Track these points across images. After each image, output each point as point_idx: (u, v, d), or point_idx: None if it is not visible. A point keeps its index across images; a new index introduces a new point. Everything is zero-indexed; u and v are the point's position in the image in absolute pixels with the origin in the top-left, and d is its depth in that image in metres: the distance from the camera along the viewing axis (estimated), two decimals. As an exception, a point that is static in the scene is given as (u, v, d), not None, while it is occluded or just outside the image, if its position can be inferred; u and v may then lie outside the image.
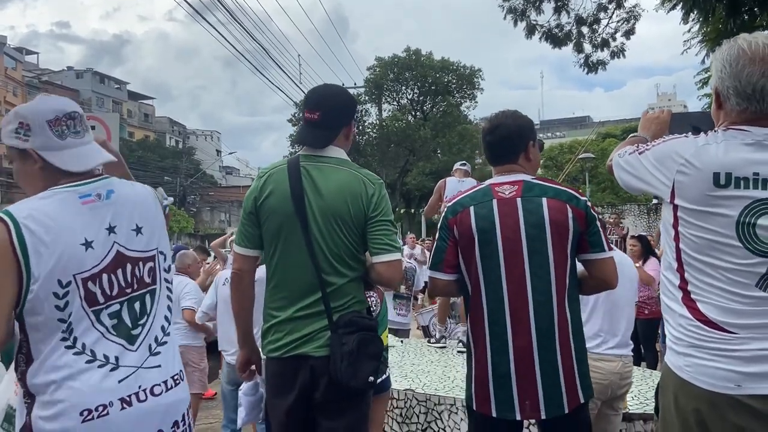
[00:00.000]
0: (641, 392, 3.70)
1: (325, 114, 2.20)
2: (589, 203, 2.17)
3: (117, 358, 1.59)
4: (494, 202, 2.13)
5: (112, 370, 1.58)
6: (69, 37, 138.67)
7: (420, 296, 11.55)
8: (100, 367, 1.56)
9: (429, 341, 5.61)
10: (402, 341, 5.79)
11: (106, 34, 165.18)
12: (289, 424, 2.19)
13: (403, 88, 35.81)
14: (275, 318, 2.16)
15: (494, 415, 2.06)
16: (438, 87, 34.93)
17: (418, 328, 10.62)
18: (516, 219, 2.08)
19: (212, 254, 8.38)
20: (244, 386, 2.71)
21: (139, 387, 1.60)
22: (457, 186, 5.84)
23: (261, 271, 2.28)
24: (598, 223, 2.16)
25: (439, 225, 2.23)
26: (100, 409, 1.52)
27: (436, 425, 3.75)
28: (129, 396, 1.58)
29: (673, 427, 1.62)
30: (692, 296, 1.61)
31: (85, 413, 1.51)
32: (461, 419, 3.62)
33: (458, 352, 5.37)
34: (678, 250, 1.64)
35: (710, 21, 8.26)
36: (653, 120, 2.06)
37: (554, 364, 2.03)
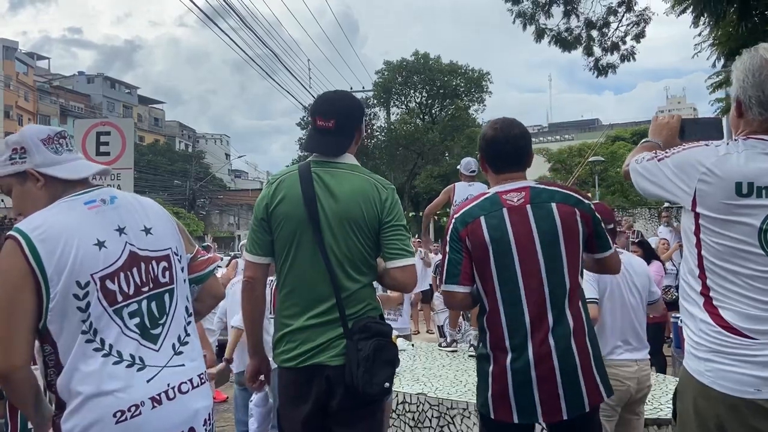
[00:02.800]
0: (654, 397, 3.70)
1: (340, 121, 2.19)
2: (593, 205, 2.19)
3: (142, 358, 1.62)
4: (504, 210, 2.12)
5: (139, 370, 1.60)
6: (81, 43, 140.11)
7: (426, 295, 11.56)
8: (128, 367, 1.59)
9: (440, 345, 5.61)
10: (413, 345, 5.80)
11: (118, 39, 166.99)
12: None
13: (412, 91, 35.85)
14: (288, 327, 2.14)
15: (515, 421, 2.06)
16: (446, 90, 34.94)
17: (428, 331, 10.62)
18: (528, 226, 2.09)
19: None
20: (255, 397, 2.71)
21: (168, 385, 1.63)
22: (467, 190, 5.78)
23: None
24: (602, 224, 2.20)
25: (448, 237, 2.21)
26: (133, 409, 1.55)
27: (449, 429, 3.76)
28: (159, 395, 1.60)
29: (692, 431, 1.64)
30: (714, 302, 1.63)
31: (119, 414, 1.53)
32: (474, 423, 3.63)
33: (469, 356, 5.37)
34: (700, 257, 1.66)
35: (721, 25, 8.21)
36: (664, 126, 2.07)
37: (573, 366, 2.04)
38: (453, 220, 2.22)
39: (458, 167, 5.95)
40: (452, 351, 5.39)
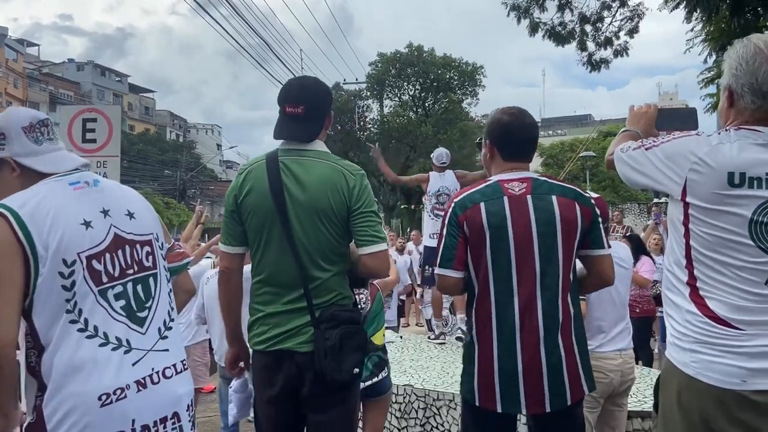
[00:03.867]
0: (639, 390, 3.71)
1: (309, 107, 2.18)
2: (593, 200, 2.19)
3: (129, 341, 1.61)
4: (505, 198, 2.12)
5: (125, 352, 1.59)
6: (72, 30, 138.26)
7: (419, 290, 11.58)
8: (114, 349, 1.57)
9: (429, 337, 5.62)
10: (401, 337, 5.80)
11: (110, 27, 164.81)
12: (275, 417, 2.21)
13: (405, 84, 35.70)
14: (260, 312, 2.17)
15: (499, 410, 2.06)
16: (440, 83, 34.83)
17: (417, 324, 10.66)
18: (527, 216, 2.08)
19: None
20: (234, 383, 2.73)
21: (152, 369, 1.63)
22: (439, 180, 5.83)
23: (247, 269, 2.28)
24: (600, 221, 2.18)
25: (446, 221, 2.19)
26: (118, 392, 1.54)
27: (435, 420, 3.76)
28: (144, 378, 1.60)
29: (675, 424, 1.63)
30: (701, 293, 1.62)
31: (104, 398, 1.52)
32: (460, 415, 3.63)
33: (456, 338, 5.39)
34: (688, 247, 1.65)
35: (713, 20, 8.25)
36: (642, 115, 2.06)
37: (559, 359, 2.05)
38: (452, 205, 2.20)
39: (431, 157, 6.07)
40: (440, 343, 5.40)
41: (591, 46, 11.07)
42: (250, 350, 2.27)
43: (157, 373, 1.63)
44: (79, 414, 1.49)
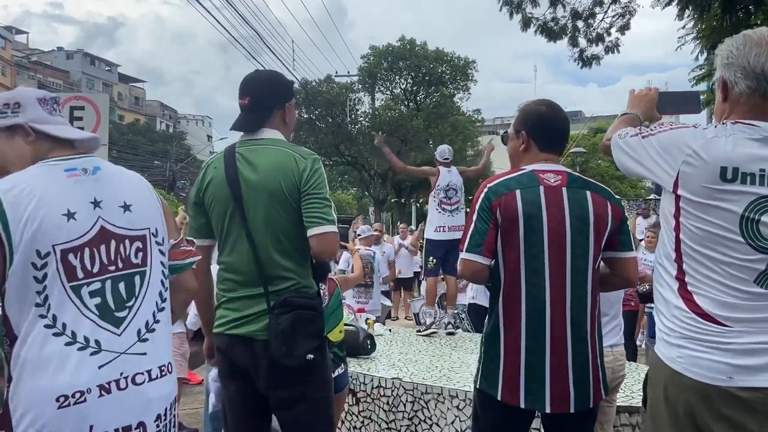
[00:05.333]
0: (626, 385, 3.72)
1: (253, 98, 2.26)
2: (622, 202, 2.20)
3: (98, 342, 1.52)
4: (541, 188, 2.07)
5: (93, 354, 1.51)
6: (62, 18, 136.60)
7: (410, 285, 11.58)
8: (80, 349, 1.49)
9: (418, 330, 5.62)
10: (390, 330, 5.80)
11: (101, 15, 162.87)
12: (233, 398, 2.25)
13: (397, 77, 35.62)
14: (223, 297, 2.24)
15: (522, 406, 2.02)
16: (432, 77, 34.78)
17: (407, 317, 10.65)
18: (562, 208, 2.05)
19: None
20: (212, 372, 2.76)
21: (120, 374, 1.54)
22: (448, 175, 5.89)
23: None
24: (628, 223, 2.19)
25: (478, 206, 2.12)
26: (77, 395, 1.46)
27: (423, 414, 3.76)
28: (108, 383, 1.51)
29: (662, 419, 1.62)
30: (689, 288, 1.61)
31: (62, 399, 1.44)
32: (448, 408, 3.63)
33: (447, 333, 5.40)
34: (678, 241, 1.64)
35: (705, 18, 8.28)
36: (642, 97, 2.04)
37: (586, 358, 2.03)
38: (486, 190, 2.13)
39: (434, 154, 6.21)
40: (432, 333, 5.41)
41: (582, 42, 11.09)
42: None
43: (126, 378, 1.54)
44: (37, 412, 1.43)
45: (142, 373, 1.58)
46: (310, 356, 2.11)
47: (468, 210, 2.31)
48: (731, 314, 1.55)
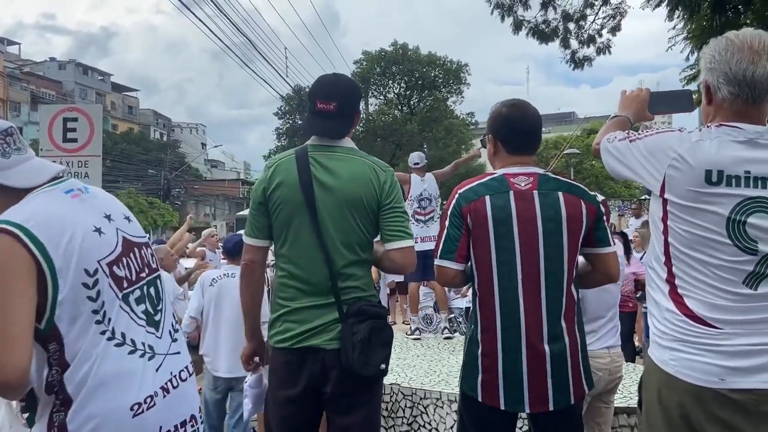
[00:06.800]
0: (624, 386, 3.73)
1: (342, 104, 2.19)
2: (599, 199, 2.18)
3: (151, 347, 1.57)
4: (511, 193, 2.08)
5: (150, 358, 1.55)
6: (55, 29, 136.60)
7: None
8: (141, 356, 1.53)
9: (406, 333, 5.63)
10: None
11: (93, 25, 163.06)
12: (292, 417, 2.17)
13: (390, 82, 35.72)
14: (284, 308, 2.15)
15: (503, 407, 2.04)
16: (425, 81, 34.89)
17: (404, 322, 10.67)
18: (533, 212, 2.06)
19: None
20: (250, 379, 2.78)
21: (171, 374, 1.59)
22: (420, 184, 5.81)
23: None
24: (605, 218, 2.18)
25: (449, 212, 2.15)
26: (149, 400, 1.50)
27: (422, 419, 3.75)
28: (166, 384, 1.57)
29: (657, 421, 1.63)
30: (679, 291, 1.62)
31: (136, 407, 1.47)
32: (447, 413, 3.63)
33: (445, 338, 5.39)
34: (666, 244, 1.65)
35: (695, 18, 8.32)
36: (633, 98, 2.05)
37: (564, 357, 2.04)
38: (456, 196, 2.16)
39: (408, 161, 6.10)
40: (416, 338, 5.40)
41: (574, 43, 11.13)
42: (269, 347, 2.24)
43: (176, 376, 1.60)
44: (113, 427, 1.43)
45: (183, 370, 1.65)
46: (383, 366, 2.10)
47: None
48: (721, 316, 1.56)
